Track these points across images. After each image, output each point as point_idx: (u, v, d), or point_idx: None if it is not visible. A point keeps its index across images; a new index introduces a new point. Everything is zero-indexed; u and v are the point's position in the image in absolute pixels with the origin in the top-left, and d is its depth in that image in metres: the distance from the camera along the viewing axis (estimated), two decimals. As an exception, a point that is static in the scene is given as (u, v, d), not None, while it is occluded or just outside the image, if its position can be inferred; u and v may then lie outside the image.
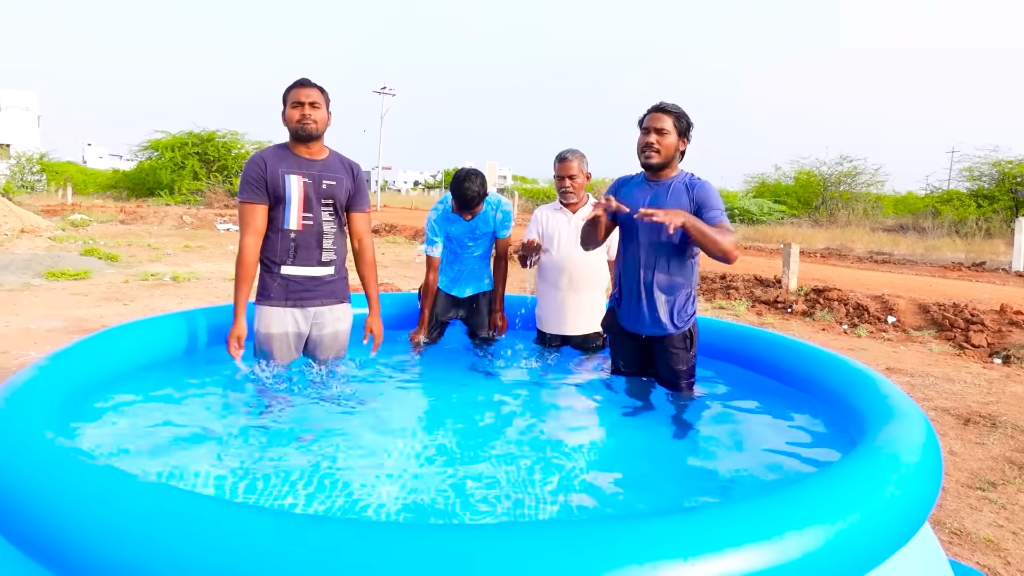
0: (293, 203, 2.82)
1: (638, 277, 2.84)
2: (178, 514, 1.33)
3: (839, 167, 30.50)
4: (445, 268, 3.69)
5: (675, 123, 2.75)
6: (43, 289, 7.77)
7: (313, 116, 2.80)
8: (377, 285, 3.16)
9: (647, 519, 1.37)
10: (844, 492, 1.52)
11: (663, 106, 2.77)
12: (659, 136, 2.73)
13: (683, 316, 2.85)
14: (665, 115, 2.75)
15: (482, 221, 3.56)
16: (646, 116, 2.80)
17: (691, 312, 2.88)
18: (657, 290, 2.81)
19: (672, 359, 2.88)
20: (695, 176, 2.85)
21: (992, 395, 4.88)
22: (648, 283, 2.82)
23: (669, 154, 2.77)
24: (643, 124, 2.80)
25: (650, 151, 2.75)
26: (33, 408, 1.88)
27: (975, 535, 2.77)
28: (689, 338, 2.88)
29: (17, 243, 12.25)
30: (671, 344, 2.86)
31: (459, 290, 3.70)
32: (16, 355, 4.85)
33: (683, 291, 2.85)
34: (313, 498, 1.94)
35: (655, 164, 2.77)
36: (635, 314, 2.89)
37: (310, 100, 2.80)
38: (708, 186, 2.80)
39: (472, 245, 3.64)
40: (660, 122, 2.74)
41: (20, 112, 45.74)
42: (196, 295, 7.81)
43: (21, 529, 1.43)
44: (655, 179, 2.84)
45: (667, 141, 2.74)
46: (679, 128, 2.77)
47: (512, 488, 2.05)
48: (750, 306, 8.51)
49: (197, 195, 29.73)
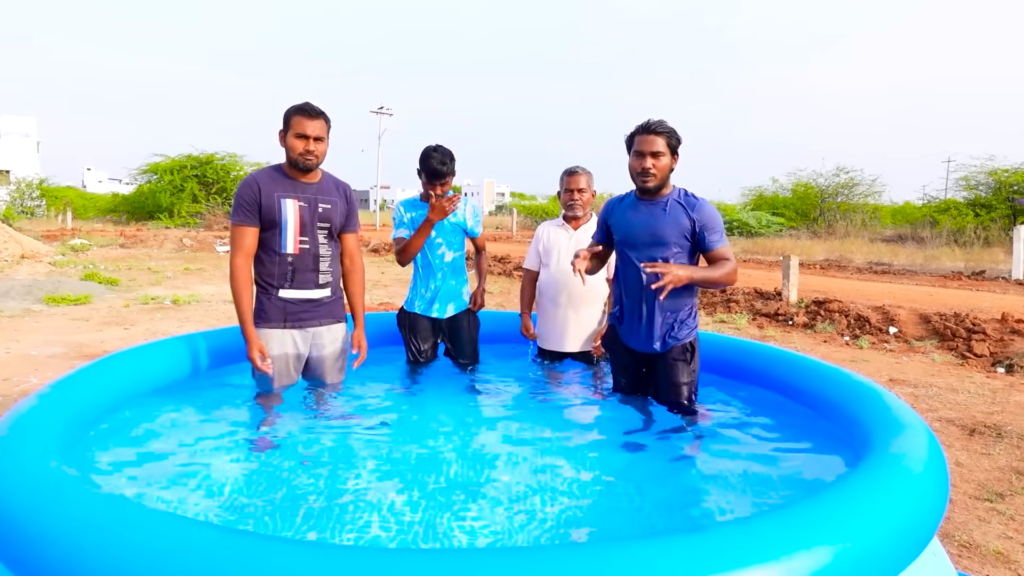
0: (289, 227, 2.81)
1: (640, 296, 2.82)
2: (181, 542, 1.32)
3: (836, 178, 30.67)
4: (419, 286, 3.55)
5: (668, 143, 2.73)
6: (43, 315, 7.76)
7: (316, 152, 2.79)
8: (364, 303, 3.15)
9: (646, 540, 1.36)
10: (852, 509, 1.51)
11: (653, 127, 2.73)
12: (655, 159, 2.71)
13: (684, 329, 2.83)
14: (657, 137, 2.71)
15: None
16: (636, 138, 2.77)
17: (692, 325, 2.86)
18: (659, 308, 2.79)
19: (673, 371, 2.84)
20: (689, 193, 2.82)
21: (996, 405, 4.86)
22: (651, 302, 2.79)
23: (665, 175, 2.76)
24: (634, 147, 2.77)
25: (647, 176, 2.73)
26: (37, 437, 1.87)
27: (984, 547, 2.74)
28: (690, 350, 2.85)
29: (17, 269, 12.26)
30: (671, 356, 2.84)
31: (439, 309, 3.54)
32: (17, 382, 4.83)
33: (686, 306, 2.84)
34: (314, 523, 1.92)
35: (653, 188, 2.76)
36: (637, 332, 2.87)
37: (315, 134, 2.77)
38: (708, 206, 2.78)
39: (442, 242, 3.49)
40: (654, 145, 2.71)
41: (20, 138, 45.95)
42: (197, 318, 7.81)
43: (25, 558, 1.42)
44: (649, 199, 2.82)
45: (662, 163, 2.73)
46: (671, 147, 2.75)
47: (511, 508, 2.04)
48: (751, 319, 8.50)
49: (196, 218, 29.78)
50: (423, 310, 3.56)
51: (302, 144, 2.77)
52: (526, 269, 3.73)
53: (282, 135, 2.82)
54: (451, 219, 3.49)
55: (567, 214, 3.58)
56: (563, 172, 3.56)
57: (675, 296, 2.77)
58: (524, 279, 3.74)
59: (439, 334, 3.62)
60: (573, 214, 3.56)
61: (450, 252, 3.53)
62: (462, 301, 3.61)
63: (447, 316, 3.56)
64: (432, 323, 3.58)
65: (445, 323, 3.58)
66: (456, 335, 3.60)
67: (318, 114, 2.80)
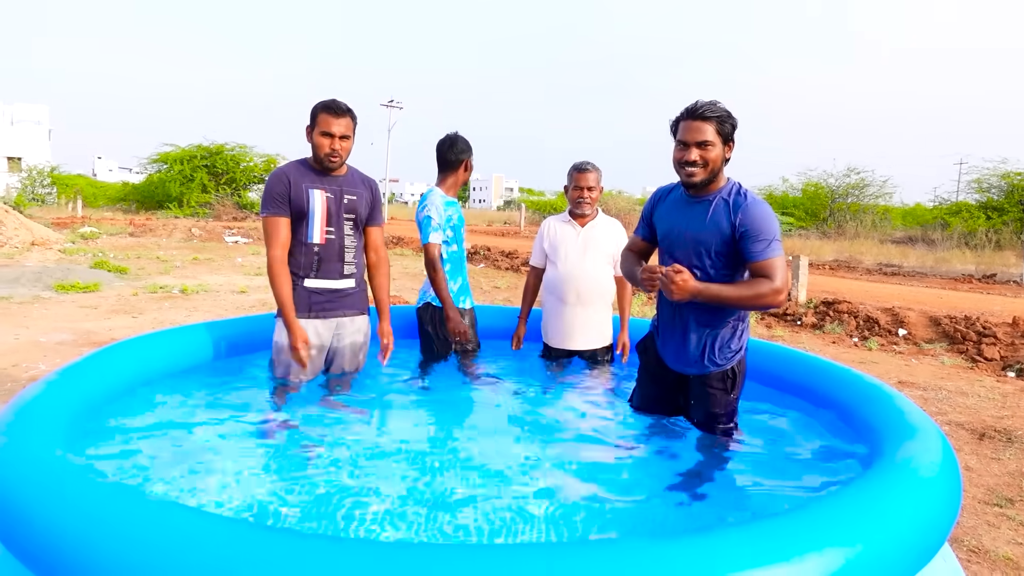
0: (316, 217, 2.84)
1: (674, 307, 2.47)
2: (187, 532, 1.31)
3: (846, 179, 30.51)
4: (450, 280, 3.42)
5: (718, 129, 2.29)
6: (53, 302, 7.80)
7: (341, 150, 2.81)
8: (389, 295, 3.16)
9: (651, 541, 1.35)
10: (864, 513, 1.49)
11: (701, 111, 2.28)
12: (701, 150, 2.29)
13: (725, 353, 2.45)
14: (705, 123, 2.27)
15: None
16: (681, 124, 2.34)
17: (735, 348, 2.46)
18: (695, 323, 2.44)
19: (708, 401, 2.49)
20: (742, 190, 2.37)
21: (1007, 409, 4.82)
22: (685, 315, 2.46)
23: (715, 168, 2.32)
24: (679, 135, 2.34)
25: (692, 168, 2.31)
26: (43, 425, 1.87)
27: (994, 553, 2.72)
28: (731, 378, 2.47)
29: (28, 256, 12.33)
30: (708, 383, 2.48)
31: (466, 300, 3.53)
32: (26, 368, 4.85)
33: (728, 324, 2.44)
34: (323, 514, 1.92)
35: (699, 183, 2.34)
36: (671, 347, 2.55)
37: (340, 132, 2.78)
38: (755, 209, 2.30)
39: (463, 236, 3.51)
40: (701, 133, 2.27)
41: (32, 126, 46.13)
42: (204, 307, 7.83)
43: (31, 546, 1.42)
44: (696, 195, 2.41)
45: (712, 154, 2.29)
46: (723, 134, 2.30)
47: (515, 506, 2.03)
48: (759, 319, 8.46)
49: (206, 208, 29.92)
50: (461, 303, 3.50)
51: (328, 143, 2.78)
52: (532, 266, 3.69)
53: (309, 131, 2.83)
54: (460, 214, 3.50)
55: (575, 211, 3.52)
56: (572, 167, 3.47)
57: (711, 311, 2.41)
58: (529, 276, 3.70)
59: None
60: (581, 212, 3.48)
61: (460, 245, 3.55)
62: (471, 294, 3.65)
63: (465, 307, 3.54)
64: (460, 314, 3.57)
65: (467, 313, 3.56)
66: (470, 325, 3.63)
67: (345, 112, 2.80)
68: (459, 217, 3.46)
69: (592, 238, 3.47)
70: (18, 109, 46.21)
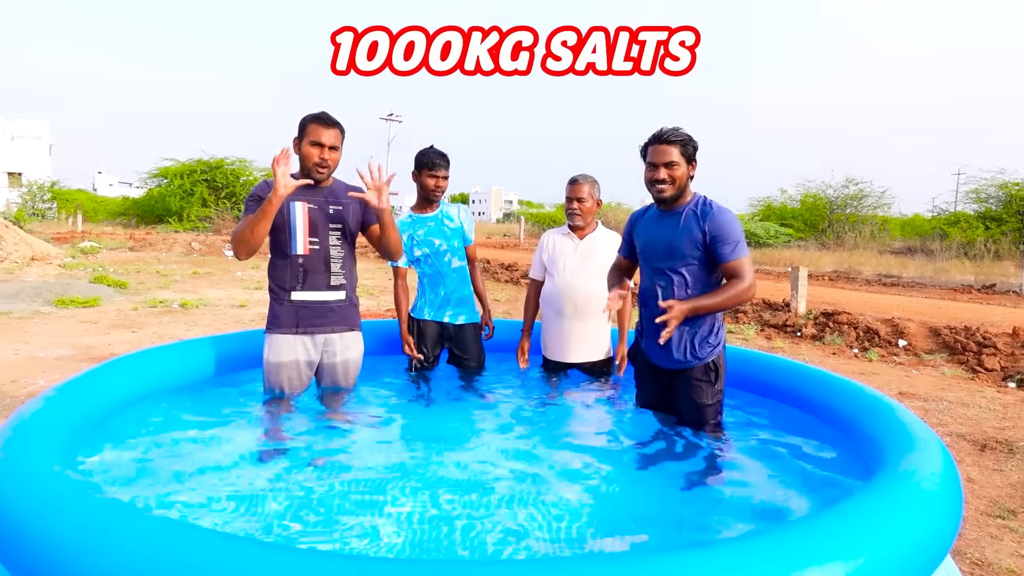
0: (298, 228, 2.84)
1: (657, 311, 2.66)
2: (185, 548, 1.31)
3: (845, 190, 30.57)
4: (428, 293, 3.54)
5: (682, 151, 2.63)
6: (52, 317, 7.79)
7: (330, 160, 2.82)
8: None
9: (650, 555, 1.34)
10: (865, 525, 1.48)
11: (667, 136, 2.64)
12: (669, 170, 2.63)
13: (706, 347, 2.71)
14: (670, 146, 2.62)
15: (445, 216, 3.50)
16: (649, 149, 2.68)
17: (715, 343, 2.73)
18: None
19: (695, 392, 2.73)
20: (708, 201, 2.70)
21: (1008, 420, 4.81)
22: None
23: (681, 185, 2.67)
24: (648, 158, 2.68)
25: (662, 186, 2.65)
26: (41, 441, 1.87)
27: (997, 565, 2.70)
28: (714, 370, 2.73)
29: (28, 271, 12.33)
30: (693, 376, 2.73)
31: (451, 315, 3.55)
32: (25, 383, 4.84)
33: (705, 321, 2.71)
34: (319, 530, 1.91)
35: (668, 199, 2.68)
36: (656, 346, 2.75)
37: (330, 143, 2.80)
38: (722, 214, 2.64)
39: (446, 250, 3.49)
40: (667, 155, 2.62)
41: (32, 141, 46.29)
42: (204, 322, 7.82)
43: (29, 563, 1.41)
44: (667, 210, 2.74)
45: (678, 172, 2.64)
46: (687, 155, 2.65)
47: (517, 520, 2.02)
48: (759, 330, 8.45)
49: (205, 222, 29.94)
50: (433, 316, 3.55)
51: (317, 152, 2.79)
52: (532, 279, 3.70)
53: (296, 142, 2.83)
54: (451, 225, 3.51)
55: (570, 223, 3.55)
56: (568, 181, 3.53)
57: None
58: (530, 289, 3.71)
59: (446, 340, 3.62)
60: (574, 223, 3.51)
61: (456, 259, 3.54)
62: (473, 312, 3.63)
63: (458, 323, 3.57)
64: (441, 329, 3.58)
65: (454, 329, 3.58)
66: (463, 341, 3.61)
67: (334, 123, 2.83)
68: (427, 231, 3.47)
69: (590, 251, 3.49)
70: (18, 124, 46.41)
